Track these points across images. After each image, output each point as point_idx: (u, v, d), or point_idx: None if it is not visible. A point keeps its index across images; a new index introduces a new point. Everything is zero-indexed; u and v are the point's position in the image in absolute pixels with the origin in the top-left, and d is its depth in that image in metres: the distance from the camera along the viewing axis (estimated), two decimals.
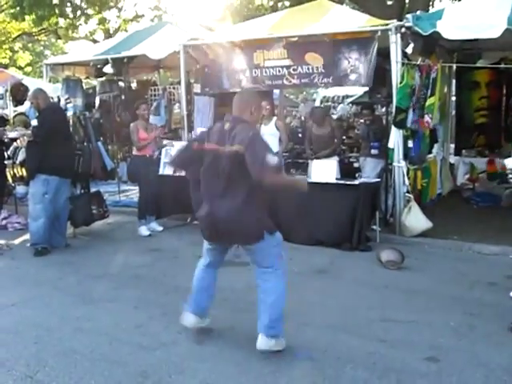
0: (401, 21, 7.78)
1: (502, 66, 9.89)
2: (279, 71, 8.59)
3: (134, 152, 8.56)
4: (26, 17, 19.01)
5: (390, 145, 7.87)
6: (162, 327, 4.83)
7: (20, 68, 27.63)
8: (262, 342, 4.25)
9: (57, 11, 18.82)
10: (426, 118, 7.81)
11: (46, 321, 5.01)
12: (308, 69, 8.38)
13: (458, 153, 11.56)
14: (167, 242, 7.98)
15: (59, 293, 5.81)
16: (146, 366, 4.09)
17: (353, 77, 8.13)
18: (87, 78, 12.60)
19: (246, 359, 4.18)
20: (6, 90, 12.63)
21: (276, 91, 11.40)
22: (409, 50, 7.64)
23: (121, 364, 4.13)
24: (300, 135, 11.22)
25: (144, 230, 8.42)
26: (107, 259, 7.13)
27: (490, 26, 7.01)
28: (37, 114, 7.50)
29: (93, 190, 8.72)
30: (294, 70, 8.49)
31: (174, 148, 8.86)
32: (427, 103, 7.78)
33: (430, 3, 17.11)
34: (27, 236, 7.73)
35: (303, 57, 8.36)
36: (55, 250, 7.41)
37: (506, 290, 5.58)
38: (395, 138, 7.81)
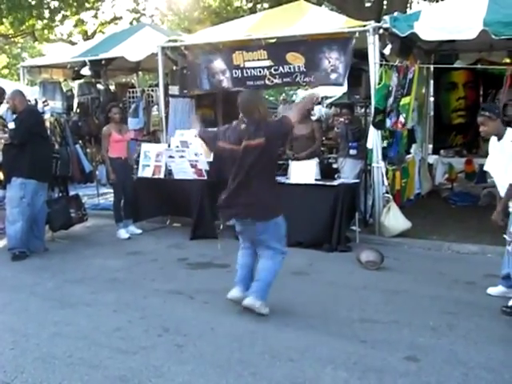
0: (379, 22, 7.83)
1: (479, 66, 9.99)
2: (260, 72, 8.57)
3: (110, 155, 8.47)
4: (4, 19, 18.79)
5: (369, 145, 7.92)
6: (141, 330, 4.79)
7: None
8: (249, 300, 4.94)
9: (34, 14, 18.64)
10: (400, 117, 7.84)
11: (23, 326, 4.94)
12: (289, 68, 8.36)
13: (436, 152, 11.64)
14: (146, 245, 7.94)
15: (37, 297, 5.74)
16: (126, 369, 4.06)
17: (333, 76, 8.13)
18: (65, 80, 12.48)
19: (226, 361, 4.16)
20: None
21: None
22: (386, 51, 7.68)
23: (100, 368, 4.09)
24: None
25: (123, 233, 8.38)
26: (86, 263, 7.06)
27: (466, 28, 7.09)
28: (14, 117, 7.41)
29: (71, 193, 8.67)
30: (275, 70, 8.46)
31: (152, 151, 8.84)
32: (401, 103, 7.82)
33: (408, 5, 17.24)
34: (4, 240, 7.65)
35: (284, 57, 8.34)
36: (33, 255, 7.33)
37: (484, 288, 5.63)
38: (374, 138, 7.85)
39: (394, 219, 7.75)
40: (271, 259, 5.04)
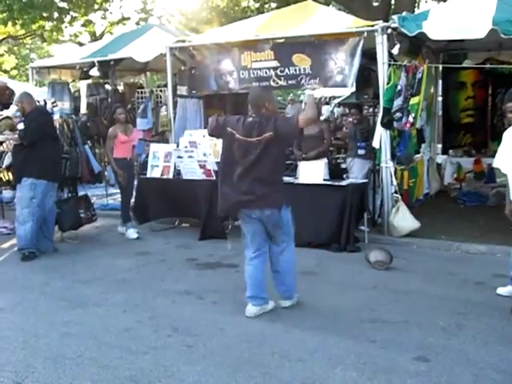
0: (387, 22, 7.81)
1: (488, 66, 9.96)
2: (266, 73, 8.57)
3: (115, 155, 8.49)
4: (16, 21, 18.89)
5: (375, 144, 7.91)
6: (151, 331, 4.80)
7: (5, 71, 27.48)
8: (284, 303, 5.19)
9: (45, 14, 18.73)
10: (409, 117, 7.83)
11: (33, 326, 4.96)
12: (295, 70, 8.36)
13: (445, 152, 11.62)
14: (155, 246, 7.95)
15: (47, 297, 5.77)
16: (136, 369, 4.07)
17: (339, 78, 8.12)
18: (73, 81, 12.53)
19: (236, 361, 4.17)
20: None
21: None
22: (395, 50, 7.67)
23: (110, 368, 4.10)
24: None
25: (132, 233, 8.39)
26: (95, 263, 7.09)
27: (475, 27, 7.07)
28: (23, 118, 7.43)
29: (80, 193, 8.69)
30: (280, 71, 8.46)
31: (160, 151, 8.85)
32: (410, 103, 7.81)
33: (416, 4, 17.21)
34: (14, 241, 7.68)
35: (290, 58, 8.34)
36: (43, 255, 7.36)
37: (493, 288, 5.61)
38: (382, 138, 7.83)
39: (403, 219, 7.74)
40: (285, 254, 5.21)
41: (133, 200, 8.90)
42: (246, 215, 5.07)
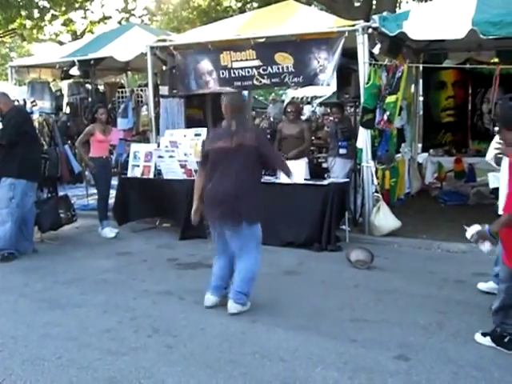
0: (368, 22, 7.84)
1: (468, 66, 10.04)
2: (248, 72, 8.56)
3: (91, 154, 8.46)
4: None
5: (359, 145, 7.92)
6: (131, 331, 4.76)
7: None
8: (231, 307, 5.05)
9: (23, 13, 18.55)
10: (384, 116, 7.84)
11: (12, 328, 4.90)
12: (278, 68, 8.35)
13: (425, 151, 11.69)
14: (136, 246, 7.90)
15: (26, 299, 5.70)
16: (115, 371, 4.03)
17: (322, 76, 8.13)
18: (54, 80, 12.43)
19: (217, 362, 4.15)
20: None
21: (245, 92, 11.37)
22: (376, 50, 7.70)
23: (89, 369, 4.06)
24: (269, 136, 11.19)
25: (109, 232, 8.34)
26: (75, 264, 7.02)
27: (455, 27, 7.12)
28: (0, 119, 7.35)
29: (60, 193, 8.62)
30: (263, 70, 8.46)
31: (141, 151, 8.80)
32: (386, 101, 7.82)
33: (397, 4, 17.31)
34: None
35: (272, 57, 8.34)
36: (22, 256, 7.27)
37: (473, 287, 5.65)
38: (363, 137, 7.86)
39: (384, 218, 7.77)
40: (243, 261, 5.13)
41: (112, 200, 8.87)
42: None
